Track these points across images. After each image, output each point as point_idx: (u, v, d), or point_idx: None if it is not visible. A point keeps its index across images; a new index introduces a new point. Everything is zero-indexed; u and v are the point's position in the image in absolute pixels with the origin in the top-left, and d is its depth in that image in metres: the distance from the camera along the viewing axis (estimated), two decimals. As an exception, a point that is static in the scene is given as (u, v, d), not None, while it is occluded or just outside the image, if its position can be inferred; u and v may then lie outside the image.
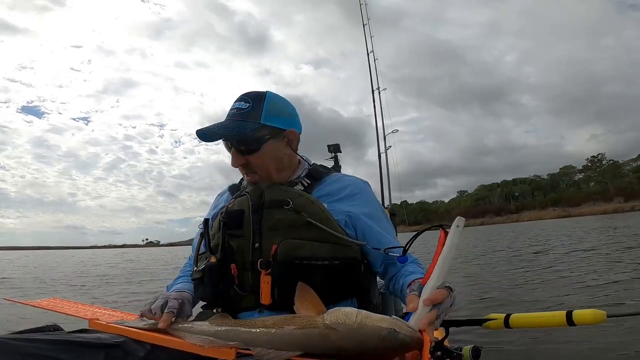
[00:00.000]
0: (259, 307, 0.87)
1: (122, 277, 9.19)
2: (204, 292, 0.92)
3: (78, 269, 12.44)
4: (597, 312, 0.83)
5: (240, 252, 0.89)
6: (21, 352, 0.63)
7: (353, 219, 0.93)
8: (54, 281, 8.32)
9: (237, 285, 0.88)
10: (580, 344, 2.29)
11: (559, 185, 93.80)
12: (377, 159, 3.81)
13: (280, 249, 0.85)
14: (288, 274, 0.83)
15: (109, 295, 5.89)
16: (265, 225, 0.89)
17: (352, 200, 0.95)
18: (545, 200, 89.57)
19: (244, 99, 0.92)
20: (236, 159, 0.93)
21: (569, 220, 42.76)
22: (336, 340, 0.63)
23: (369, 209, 0.97)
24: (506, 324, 0.90)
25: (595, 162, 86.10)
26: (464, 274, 5.86)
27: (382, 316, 0.64)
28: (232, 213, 0.93)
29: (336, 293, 0.87)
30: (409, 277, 0.85)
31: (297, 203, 0.88)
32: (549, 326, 0.89)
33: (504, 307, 3.58)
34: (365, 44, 4.53)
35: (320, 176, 0.99)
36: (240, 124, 0.89)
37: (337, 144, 2.59)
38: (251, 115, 0.90)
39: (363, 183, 1.02)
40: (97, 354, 0.69)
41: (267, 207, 0.90)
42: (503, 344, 2.41)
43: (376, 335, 0.61)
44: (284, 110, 0.96)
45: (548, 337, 2.46)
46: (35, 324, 0.78)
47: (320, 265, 0.85)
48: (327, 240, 0.86)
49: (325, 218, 0.88)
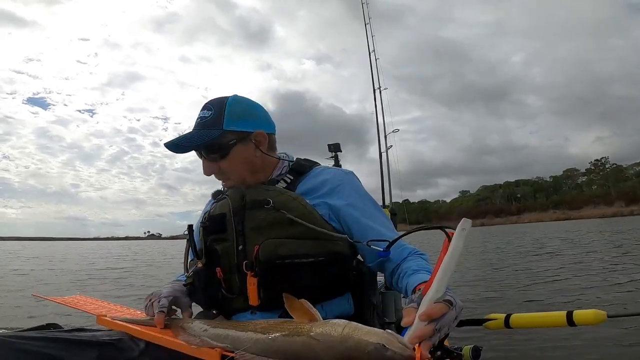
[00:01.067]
0: (249, 309, 0.87)
1: (140, 270, 9.39)
2: (196, 298, 0.94)
3: (99, 263, 12.36)
4: (597, 313, 0.83)
5: (225, 255, 0.88)
6: (17, 349, 0.64)
7: (335, 211, 0.91)
8: (81, 276, 8.11)
9: (224, 288, 0.88)
10: (581, 344, 2.29)
11: (562, 188, 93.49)
12: (379, 158, 3.81)
13: (261, 249, 0.84)
14: (272, 274, 0.83)
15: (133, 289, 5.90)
16: (248, 226, 0.88)
17: (334, 193, 0.93)
18: (547, 202, 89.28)
19: (206, 107, 0.93)
20: (207, 168, 0.93)
21: (568, 222, 42.72)
22: (319, 352, 0.60)
23: (353, 199, 0.93)
24: (506, 324, 0.90)
25: (599, 165, 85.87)
26: (464, 273, 5.86)
27: (373, 330, 0.59)
28: (214, 217, 0.92)
29: (327, 291, 0.86)
30: (413, 277, 0.80)
31: (278, 201, 0.86)
32: (550, 326, 0.88)
33: (504, 307, 3.58)
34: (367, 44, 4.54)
35: (303, 170, 0.98)
36: (204, 133, 0.90)
37: (337, 143, 2.59)
38: (214, 123, 0.90)
39: (345, 174, 0.99)
40: (91, 351, 0.71)
41: (249, 208, 0.89)
42: (503, 344, 2.41)
43: (361, 350, 0.56)
44: (248, 113, 0.94)
45: (548, 337, 2.45)
46: (60, 320, 0.81)
47: (305, 263, 0.83)
48: (310, 237, 0.84)
49: (307, 213, 0.86)
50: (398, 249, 0.87)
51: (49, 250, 24.86)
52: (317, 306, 0.85)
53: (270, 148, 0.98)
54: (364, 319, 0.93)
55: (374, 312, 0.98)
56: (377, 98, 4.09)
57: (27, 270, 9.36)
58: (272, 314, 0.83)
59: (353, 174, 1.01)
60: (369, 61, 4.33)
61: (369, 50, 4.46)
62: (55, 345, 0.68)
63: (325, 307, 0.86)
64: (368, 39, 4.57)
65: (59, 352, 0.68)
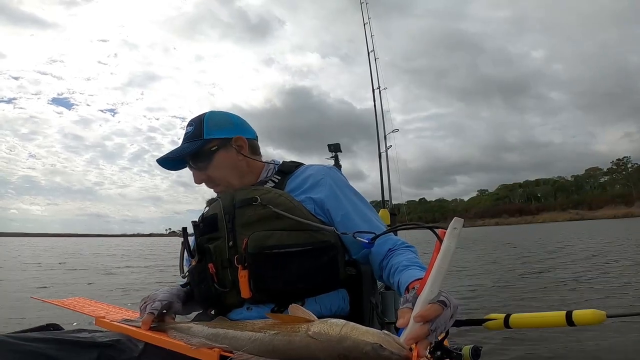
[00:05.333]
0: (244, 303, 0.90)
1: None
2: (192, 295, 0.99)
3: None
4: (596, 313, 0.83)
5: (218, 252, 0.92)
6: (17, 350, 0.65)
7: (319, 204, 0.94)
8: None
9: (216, 283, 0.91)
10: (580, 344, 2.30)
11: (583, 187, 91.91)
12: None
13: (250, 241, 0.87)
14: (261, 265, 0.86)
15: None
16: (238, 223, 0.92)
17: (317, 187, 0.97)
18: (567, 202, 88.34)
19: (189, 124, 1.03)
20: (196, 177, 1.02)
21: (581, 223, 42.47)
22: (316, 351, 0.60)
23: (334, 191, 0.97)
24: (506, 324, 0.90)
25: (620, 165, 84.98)
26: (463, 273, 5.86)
27: (370, 330, 0.59)
28: (206, 218, 0.98)
29: (318, 282, 0.88)
30: (405, 273, 0.80)
31: (265, 198, 0.91)
32: (549, 326, 0.88)
33: (504, 307, 3.59)
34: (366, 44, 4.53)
35: (289, 170, 1.03)
36: (187, 145, 1.00)
37: (337, 144, 2.59)
38: (196, 135, 1.00)
39: (327, 169, 1.03)
40: (91, 352, 0.72)
41: (238, 206, 0.93)
42: (503, 344, 2.41)
43: (358, 349, 0.57)
44: (225, 122, 1.02)
45: (548, 337, 2.46)
46: (59, 321, 0.82)
47: (293, 252, 0.86)
48: (297, 228, 0.88)
49: (294, 207, 0.90)
50: (383, 241, 0.88)
51: (77, 247, 24.72)
52: (310, 300, 0.87)
53: (253, 152, 1.04)
54: (362, 319, 0.94)
55: (373, 312, 0.99)
56: (377, 98, 4.11)
57: (72, 269, 9.30)
58: (265, 306, 0.87)
59: (336, 169, 1.05)
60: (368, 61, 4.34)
61: (367, 50, 4.47)
62: (56, 346, 0.69)
63: (318, 301, 0.88)
64: (367, 38, 4.58)
65: (59, 352, 0.68)
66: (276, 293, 0.87)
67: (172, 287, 1.00)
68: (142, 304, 0.92)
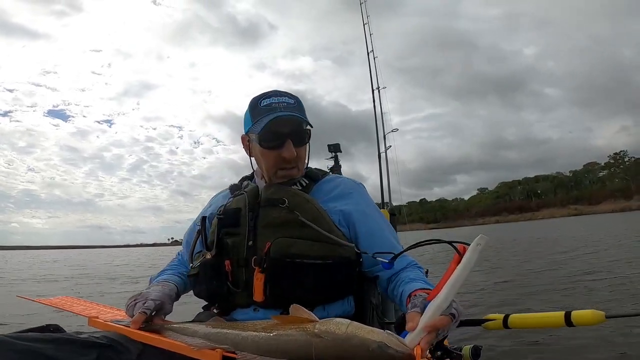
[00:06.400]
0: (252, 305, 0.87)
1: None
2: (199, 289, 0.95)
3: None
4: (595, 313, 0.83)
5: (235, 249, 0.90)
6: (17, 350, 0.65)
7: (346, 216, 0.94)
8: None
9: (230, 281, 0.89)
10: (580, 344, 2.30)
11: (582, 183, 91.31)
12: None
13: (273, 246, 0.85)
14: (280, 272, 0.84)
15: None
16: (260, 223, 0.90)
17: (345, 199, 0.96)
18: (567, 197, 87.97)
19: (286, 95, 0.96)
20: (292, 151, 0.93)
21: (581, 218, 42.29)
22: (323, 350, 0.61)
23: (362, 206, 0.97)
24: (505, 324, 0.90)
25: (618, 159, 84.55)
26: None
27: (375, 329, 0.61)
28: (230, 211, 0.94)
29: (331, 293, 0.88)
30: (410, 284, 0.82)
31: (293, 202, 0.89)
32: (548, 327, 0.89)
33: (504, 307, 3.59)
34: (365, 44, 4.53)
35: (316, 177, 1.02)
36: (301, 115, 0.94)
37: (337, 144, 2.59)
38: (300, 110, 0.95)
39: (357, 184, 1.04)
40: (90, 353, 0.71)
41: (263, 205, 0.91)
42: (503, 343, 2.41)
43: (364, 348, 0.59)
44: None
45: (548, 336, 2.46)
46: (56, 322, 0.81)
47: (313, 264, 0.85)
48: (320, 240, 0.86)
49: (319, 217, 0.89)
50: (398, 261, 0.88)
51: (82, 258, 24.39)
52: (318, 307, 0.86)
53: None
54: (363, 319, 0.94)
55: (373, 312, 0.99)
56: (376, 98, 4.11)
57: (85, 281, 9.14)
58: (274, 311, 0.84)
59: (363, 186, 1.05)
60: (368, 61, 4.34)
61: (367, 50, 4.47)
62: (55, 346, 0.68)
63: (327, 308, 0.88)
64: (367, 38, 4.58)
65: (58, 352, 0.67)
66: (289, 300, 0.84)
67: (164, 287, 0.96)
68: (130, 302, 0.88)
